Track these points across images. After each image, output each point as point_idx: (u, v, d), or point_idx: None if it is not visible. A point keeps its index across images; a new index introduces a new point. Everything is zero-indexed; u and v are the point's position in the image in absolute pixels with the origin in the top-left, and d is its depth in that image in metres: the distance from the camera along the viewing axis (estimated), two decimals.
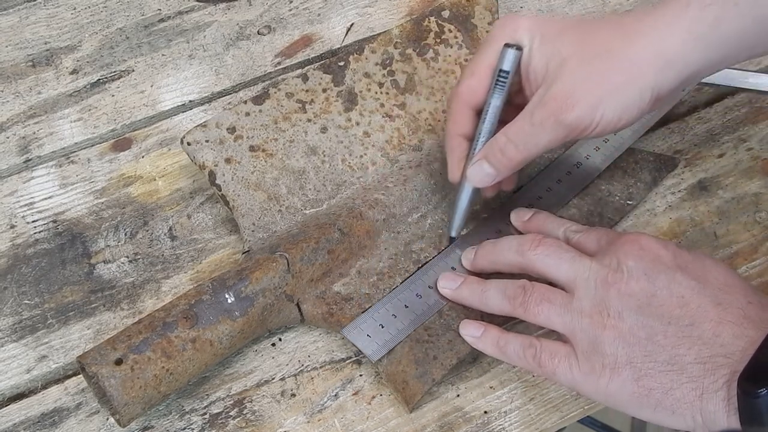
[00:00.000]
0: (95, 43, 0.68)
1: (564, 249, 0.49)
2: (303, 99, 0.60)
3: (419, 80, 0.63)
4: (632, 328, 0.45)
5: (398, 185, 0.58)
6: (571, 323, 0.47)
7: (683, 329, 0.44)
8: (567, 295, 0.48)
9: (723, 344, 0.44)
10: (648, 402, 0.44)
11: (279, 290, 0.52)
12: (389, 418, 0.52)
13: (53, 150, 0.63)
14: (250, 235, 0.56)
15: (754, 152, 0.62)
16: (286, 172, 0.58)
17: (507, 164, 0.50)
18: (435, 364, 0.51)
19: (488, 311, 0.51)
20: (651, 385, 0.44)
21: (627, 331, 0.45)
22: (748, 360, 0.42)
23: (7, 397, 0.53)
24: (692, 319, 0.45)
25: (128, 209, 0.60)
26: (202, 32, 0.69)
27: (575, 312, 0.47)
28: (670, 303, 0.45)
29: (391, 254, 0.56)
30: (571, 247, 0.50)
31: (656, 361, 0.44)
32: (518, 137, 0.49)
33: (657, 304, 0.45)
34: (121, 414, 0.47)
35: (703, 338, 0.44)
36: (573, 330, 0.47)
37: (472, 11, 0.65)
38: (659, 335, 0.45)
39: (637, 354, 0.45)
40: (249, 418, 0.52)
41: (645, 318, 0.45)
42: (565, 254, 0.49)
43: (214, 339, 0.49)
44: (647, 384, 0.44)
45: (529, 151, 0.49)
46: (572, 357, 0.46)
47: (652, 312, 0.45)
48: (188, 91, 0.66)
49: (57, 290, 0.57)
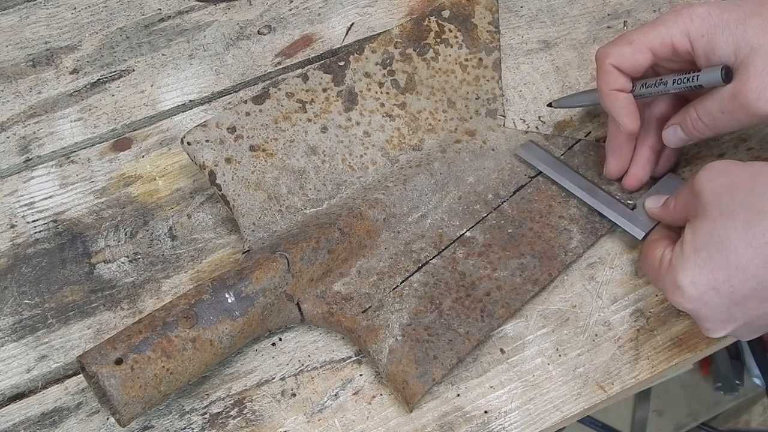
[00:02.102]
0: (95, 43, 0.68)
1: None
2: (303, 99, 0.60)
3: (419, 80, 0.63)
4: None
5: (398, 185, 0.58)
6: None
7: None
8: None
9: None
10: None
11: (279, 290, 0.52)
12: (389, 417, 0.52)
13: (53, 150, 0.63)
14: (250, 234, 0.56)
15: (754, 152, 0.62)
16: (287, 171, 0.58)
17: (697, 135, 0.53)
18: (435, 363, 0.51)
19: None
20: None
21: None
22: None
23: (7, 396, 0.53)
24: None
25: (128, 209, 0.60)
26: (203, 32, 0.69)
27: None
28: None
29: (392, 254, 0.56)
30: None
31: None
32: (707, 119, 0.51)
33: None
34: (121, 414, 0.47)
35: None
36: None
37: (473, 11, 0.65)
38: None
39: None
40: (249, 418, 0.52)
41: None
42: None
43: (214, 339, 0.49)
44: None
45: (717, 132, 0.52)
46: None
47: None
48: (188, 90, 0.66)
49: (57, 290, 0.57)
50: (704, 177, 0.48)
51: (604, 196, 0.57)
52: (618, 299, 0.56)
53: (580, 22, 0.69)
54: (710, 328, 0.48)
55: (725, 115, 0.50)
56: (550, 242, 0.57)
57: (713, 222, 0.46)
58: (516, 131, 0.63)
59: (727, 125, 0.51)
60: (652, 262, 0.50)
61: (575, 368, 0.53)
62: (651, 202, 0.55)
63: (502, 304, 0.54)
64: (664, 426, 1.35)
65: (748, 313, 0.46)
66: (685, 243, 0.47)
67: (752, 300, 0.45)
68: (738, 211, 0.45)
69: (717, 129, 0.52)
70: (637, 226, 0.56)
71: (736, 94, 0.49)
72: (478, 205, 0.59)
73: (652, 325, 0.55)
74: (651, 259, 0.50)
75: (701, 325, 0.48)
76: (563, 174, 0.59)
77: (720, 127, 0.52)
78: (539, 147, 0.60)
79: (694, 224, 0.47)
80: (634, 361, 0.54)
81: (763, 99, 0.48)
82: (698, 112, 0.52)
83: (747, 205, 0.45)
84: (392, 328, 0.53)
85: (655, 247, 0.51)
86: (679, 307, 0.48)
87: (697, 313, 0.47)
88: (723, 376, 1.32)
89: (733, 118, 0.50)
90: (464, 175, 0.60)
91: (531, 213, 0.58)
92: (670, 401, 1.37)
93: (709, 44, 0.50)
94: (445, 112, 0.62)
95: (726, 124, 0.51)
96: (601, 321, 0.55)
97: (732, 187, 0.46)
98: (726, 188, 0.46)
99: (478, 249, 0.57)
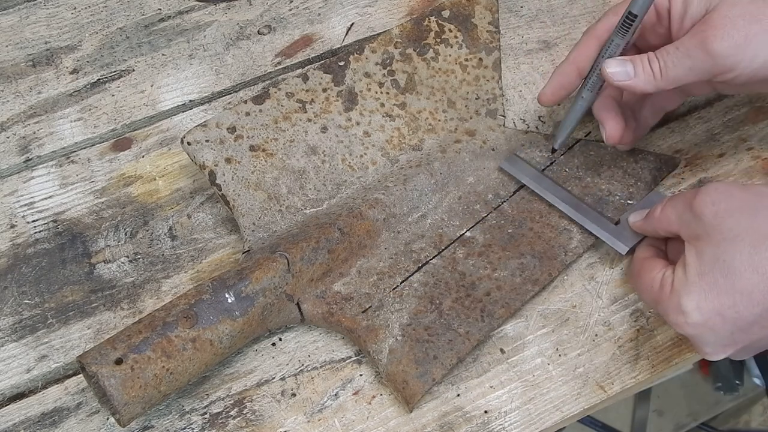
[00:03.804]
0: (95, 43, 0.68)
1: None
2: (303, 99, 0.60)
3: (419, 80, 0.63)
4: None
5: (398, 185, 0.58)
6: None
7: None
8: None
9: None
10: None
11: (279, 290, 0.52)
12: (389, 417, 0.52)
13: (53, 150, 0.63)
14: (250, 234, 0.56)
15: (754, 152, 0.62)
16: (287, 171, 0.58)
17: (647, 76, 0.51)
18: (435, 363, 0.51)
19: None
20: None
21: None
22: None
23: (7, 396, 0.53)
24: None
25: (128, 209, 0.60)
26: (203, 32, 0.69)
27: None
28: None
29: (392, 254, 0.56)
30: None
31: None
32: (663, 55, 0.50)
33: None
34: (121, 414, 0.47)
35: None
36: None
37: (472, 11, 0.65)
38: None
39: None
40: (249, 418, 0.52)
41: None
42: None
43: (214, 339, 0.49)
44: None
45: (670, 72, 0.50)
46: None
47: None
48: (188, 90, 0.66)
49: (57, 290, 0.57)
50: (707, 200, 0.47)
51: (588, 211, 0.57)
52: (618, 299, 0.56)
53: (580, 22, 0.69)
54: (710, 352, 0.47)
55: (680, 51, 0.49)
56: (550, 242, 0.57)
57: (717, 246, 0.45)
58: (516, 131, 0.63)
59: (680, 63, 0.50)
60: (650, 283, 0.49)
61: (575, 368, 0.53)
62: (634, 217, 0.55)
63: (502, 304, 0.54)
64: (664, 426, 1.36)
65: (750, 338, 0.46)
66: (688, 266, 0.46)
67: (756, 326, 0.45)
68: (743, 236, 0.45)
69: (669, 70, 0.50)
70: (620, 241, 0.55)
71: (697, 32, 0.49)
72: (478, 205, 0.59)
73: (652, 325, 0.55)
74: (648, 280, 0.49)
75: (701, 348, 0.47)
76: (546, 188, 0.58)
77: (672, 66, 0.50)
78: (523, 160, 0.60)
79: (696, 247, 0.47)
80: (634, 361, 0.54)
81: (721, 37, 0.47)
82: (655, 52, 0.51)
83: (752, 230, 0.45)
84: (392, 328, 0.53)
85: (651, 268, 0.50)
86: (680, 331, 0.47)
87: (700, 338, 0.46)
88: (723, 376, 1.33)
89: (687, 53, 0.49)
90: (464, 175, 0.60)
91: (531, 213, 0.58)
92: (670, 401, 1.37)
93: (683, 4, 0.51)
94: (445, 112, 0.62)
95: (680, 62, 0.50)
96: (601, 321, 0.55)
97: (735, 210, 0.46)
98: (729, 212, 0.46)
99: (478, 249, 0.57)
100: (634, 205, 0.58)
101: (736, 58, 0.48)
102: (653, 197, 0.58)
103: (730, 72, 0.49)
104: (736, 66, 0.48)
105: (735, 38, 0.48)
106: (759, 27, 0.47)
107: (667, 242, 0.53)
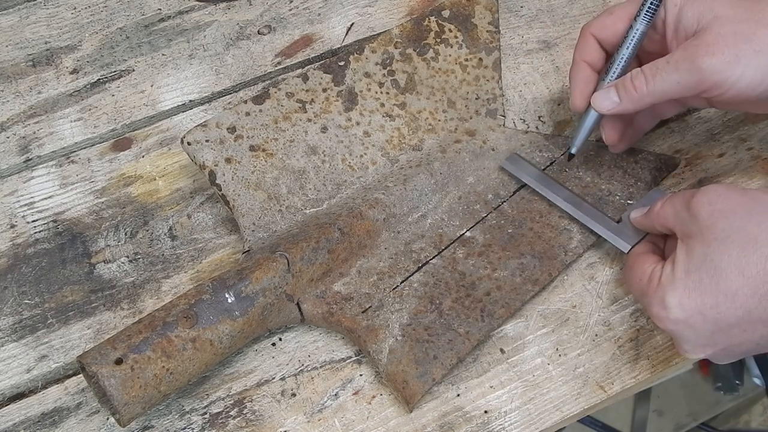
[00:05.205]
0: (95, 43, 0.68)
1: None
2: (303, 99, 0.60)
3: (419, 80, 0.63)
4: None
5: (398, 185, 0.58)
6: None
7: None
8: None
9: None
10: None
11: (279, 290, 0.52)
12: (389, 417, 0.52)
13: (53, 150, 0.63)
14: (250, 234, 0.56)
15: (754, 152, 0.62)
16: (287, 171, 0.58)
17: (632, 96, 0.52)
18: (435, 363, 0.51)
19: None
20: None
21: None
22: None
23: (7, 396, 0.53)
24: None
25: (128, 209, 0.60)
26: (203, 32, 0.69)
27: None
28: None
29: (392, 254, 0.56)
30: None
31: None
32: (650, 70, 0.51)
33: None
34: (121, 414, 0.47)
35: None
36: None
37: (472, 11, 0.65)
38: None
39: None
40: (249, 418, 0.52)
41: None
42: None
43: (214, 339, 0.49)
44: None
45: (656, 87, 0.51)
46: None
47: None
48: (188, 90, 0.66)
49: (57, 290, 0.57)
50: (704, 200, 0.47)
51: (590, 210, 0.57)
52: (618, 299, 0.56)
53: (580, 22, 0.69)
54: (689, 350, 0.47)
55: (669, 65, 0.50)
56: (550, 242, 0.57)
57: (708, 246, 0.46)
58: (516, 131, 0.63)
59: (667, 78, 0.50)
60: (639, 276, 0.50)
61: (575, 368, 0.53)
62: (636, 213, 0.55)
63: (502, 304, 0.54)
64: (664, 426, 1.36)
65: (730, 340, 0.46)
66: (677, 263, 0.47)
67: (737, 328, 0.45)
68: (733, 238, 0.45)
69: (656, 85, 0.51)
70: (622, 239, 0.55)
71: (688, 46, 0.49)
72: (478, 205, 0.59)
73: (652, 325, 0.55)
74: (639, 273, 0.50)
75: (680, 345, 0.48)
76: (548, 187, 0.58)
77: (660, 81, 0.50)
78: (524, 160, 0.60)
79: (687, 244, 0.47)
80: (634, 361, 0.54)
81: (711, 53, 0.48)
82: (642, 67, 0.52)
83: (743, 232, 0.45)
84: (392, 328, 0.53)
85: (643, 262, 0.50)
86: (660, 325, 0.47)
87: (680, 335, 0.47)
88: (723, 376, 1.32)
89: (676, 68, 0.49)
90: (464, 175, 0.60)
91: (531, 213, 0.58)
92: (670, 401, 1.37)
93: (680, 12, 0.51)
94: (445, 112, 0.62)
95: (667, 77, 0.50)
96: (601, 321, 0.55)
97: (730, 212, 0.46)
98: (724, 213, 0.46)
99: (478, 249, 0.57)
100: (634, 205, 0.58)
101: (723, 75, 0.48)
102: (655, 194, 0.58)
103: (716, 89, 0.49)
104: (722, 83, 0.49)
105: (725, 55, 0.48)
106: (749, 47, 0.48)
107: (666, 240, 0.53)
